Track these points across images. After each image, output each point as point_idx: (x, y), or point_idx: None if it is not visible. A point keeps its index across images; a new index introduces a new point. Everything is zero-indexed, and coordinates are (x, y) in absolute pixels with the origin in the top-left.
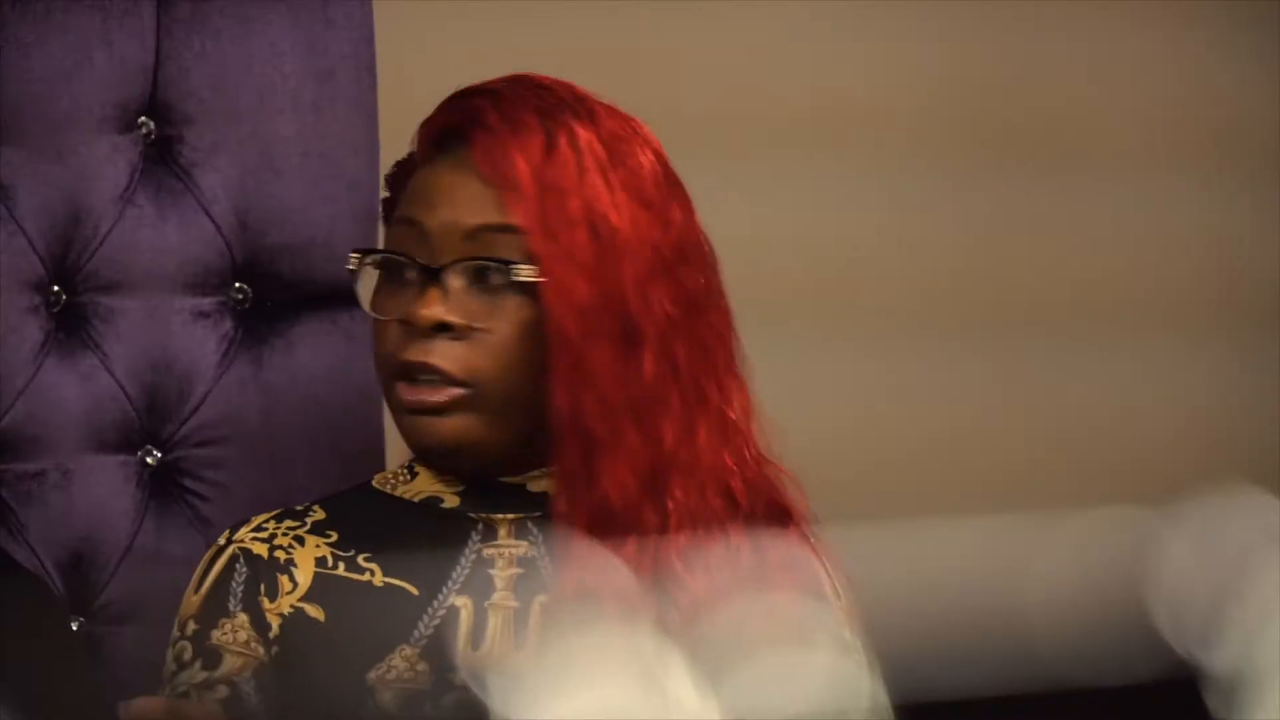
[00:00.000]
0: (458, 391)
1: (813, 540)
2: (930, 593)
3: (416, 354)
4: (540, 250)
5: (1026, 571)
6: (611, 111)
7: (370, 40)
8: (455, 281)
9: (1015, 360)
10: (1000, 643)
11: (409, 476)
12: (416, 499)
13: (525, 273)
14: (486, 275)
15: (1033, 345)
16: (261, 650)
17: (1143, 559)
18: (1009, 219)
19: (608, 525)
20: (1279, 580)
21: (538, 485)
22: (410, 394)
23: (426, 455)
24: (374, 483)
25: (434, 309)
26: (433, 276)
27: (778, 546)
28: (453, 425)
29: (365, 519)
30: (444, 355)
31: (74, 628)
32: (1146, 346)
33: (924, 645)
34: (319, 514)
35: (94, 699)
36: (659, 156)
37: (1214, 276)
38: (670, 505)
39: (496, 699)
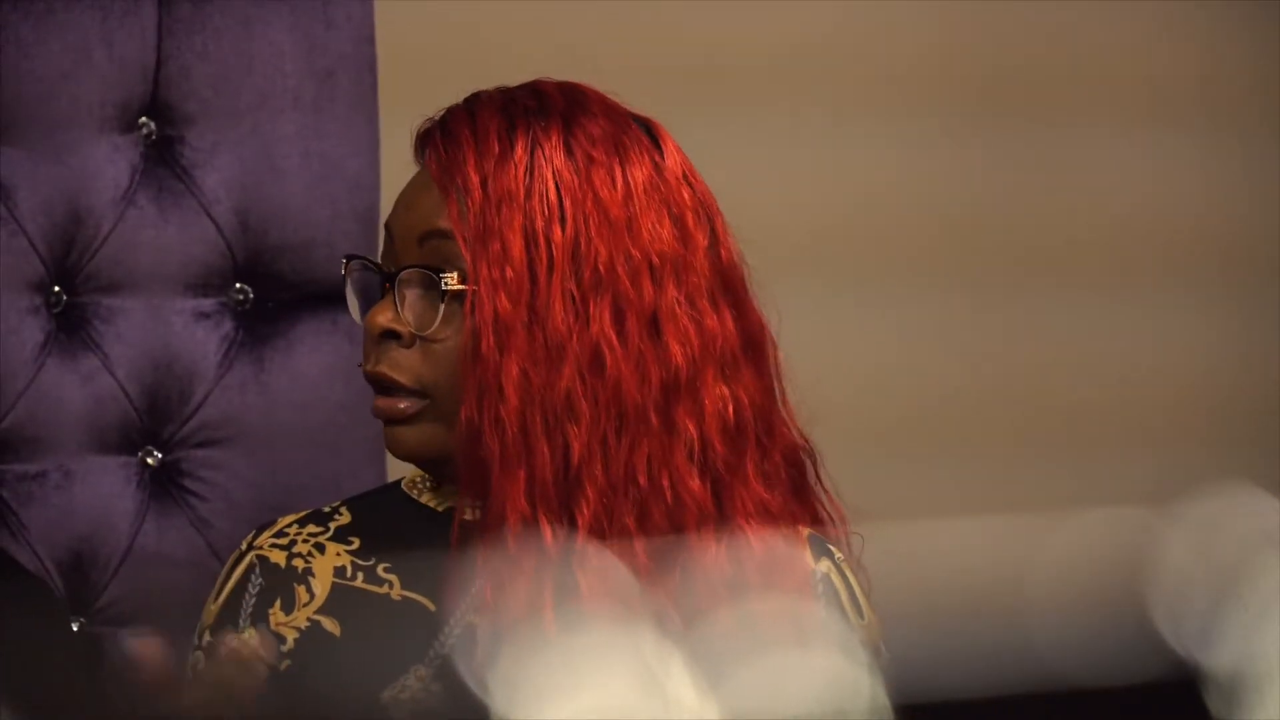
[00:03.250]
0: (417, 401)
1: (839, 556)
2: (930, 592)
3: (371, 363)
4: (470, 259)
5: (1027, 571)
6: (616, 118)
7: (371, 40)
8: (410, 289)
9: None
10: (1001, 643)
11: (435, 483)
12: (440, 508)
13: (453, 281)
14: (436, 282)
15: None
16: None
17: (1143, 559)
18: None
19: (508, 538)
20: (1278, 580)
21: None
22: (377, 403)
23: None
24: (402, 485)
25: (380, 316)
26: (388, 282)
27: (761, 554)
28: (415, 435)
29: (389, 526)
30: (394, 364)
31: (75, 628)
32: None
33: (924, 645)
34: (344, 517)
35: (94, 699)
36: (660, 166)
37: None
38: (579, 522)
39: (497, 699)
